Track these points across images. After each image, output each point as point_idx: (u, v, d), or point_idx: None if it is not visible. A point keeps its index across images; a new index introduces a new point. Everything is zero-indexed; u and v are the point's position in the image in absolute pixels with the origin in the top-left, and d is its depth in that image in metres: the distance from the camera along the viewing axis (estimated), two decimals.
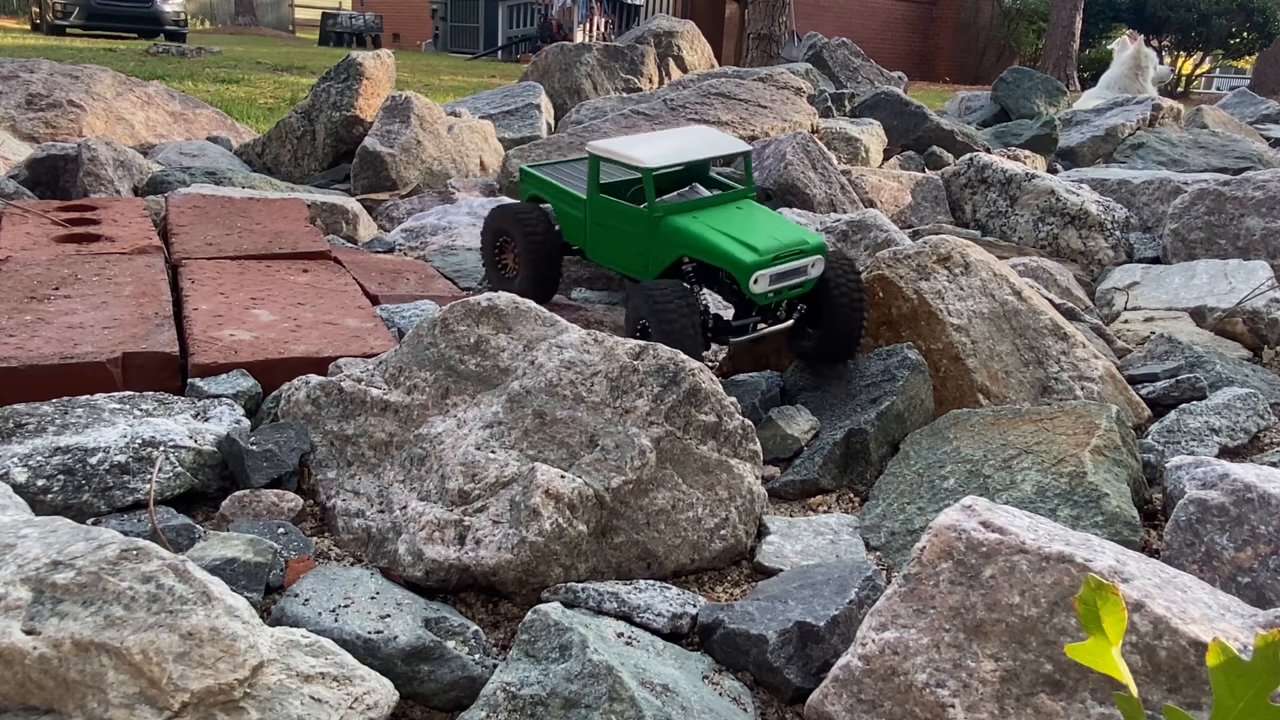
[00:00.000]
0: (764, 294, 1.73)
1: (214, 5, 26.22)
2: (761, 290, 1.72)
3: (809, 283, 1.77)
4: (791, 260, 1.74)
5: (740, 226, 1.83)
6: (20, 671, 0.86)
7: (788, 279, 1.74)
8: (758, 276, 1.71)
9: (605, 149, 1.93)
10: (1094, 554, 0.98)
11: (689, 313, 1.70)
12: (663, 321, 1.69)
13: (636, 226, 1.90)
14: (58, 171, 3.26)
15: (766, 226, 1.83)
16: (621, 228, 1.94)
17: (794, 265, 1.74)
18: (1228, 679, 0.69)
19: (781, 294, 1.75)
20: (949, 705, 0.94)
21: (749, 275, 1.71)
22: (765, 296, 1.74)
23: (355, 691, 0.96)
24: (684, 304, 1.71)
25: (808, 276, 1.75)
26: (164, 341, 1.73)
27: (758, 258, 1.72)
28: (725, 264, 1.76)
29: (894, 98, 5.27)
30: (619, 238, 1.96)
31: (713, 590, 1.34)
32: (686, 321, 1.69)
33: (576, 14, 15.72)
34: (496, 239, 2.25)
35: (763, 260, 1.72)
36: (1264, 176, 3.02)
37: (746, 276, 1.71)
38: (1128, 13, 16.92)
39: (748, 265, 1.71)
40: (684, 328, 1.68)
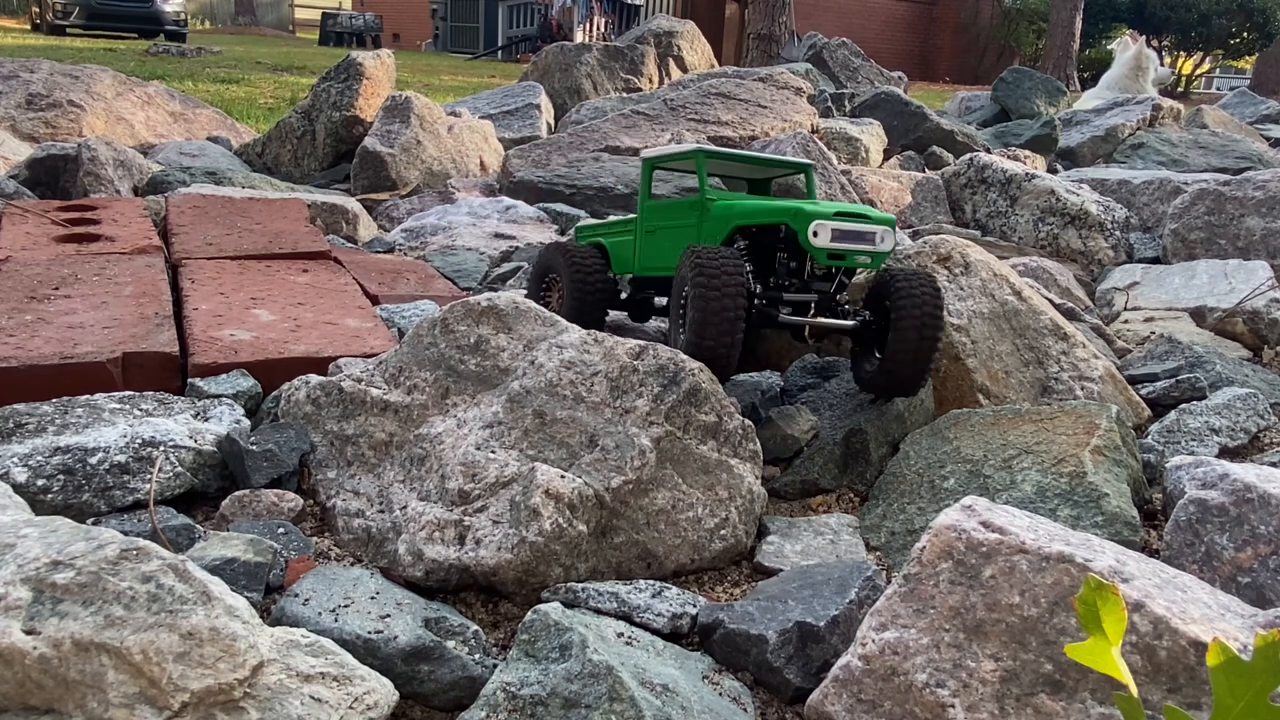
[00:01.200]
0: (824, 251, 1.55)
1: (214, 5, 26.22)
2: (823, 243, 1.54)
3: (879, 256, 1.59)
4: (856, 221, 1.57)
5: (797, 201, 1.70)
6: (20, 671, 0.86)
7: (853, 241, 1.56)
8: (817, 227, 1.53)
9: (658, 153, 1.90)
10: (1094, 554, 0.98)
11: (734, 274, 1.52)
12: (704, 283, 1.51)
13: (687, 218, 1.79)
14: (58, 171, 3.26)
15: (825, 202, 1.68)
16: (672, 225, 1.84)
17: (859, 228, 1.57)
18: (1228, 679, 0.69)
19: (848, 260, 1.58)
20: (949, 705, 0.94)
21: (807, 222, 1.54)
22: (825, 256, 1.56)
23: (355, 691, 0.96)
24: (730, 264, 1.53)
25: (876, 247, 1.57)
26: (164, 341, 1.73)
27: (816, 208, 1.57)
28: (782, 216, 1.61)
29: (894, 98, 5.27)
30: (669, 238, 1.85)
31: (713, 590, 1.34)
32: (730, 286, 1.51)
33: (576, 14, 15.72)
34: (544, 277, 2.09)
35: (822, 210, 1.56)
36: (1264, 176, 3.02)
37: (804, 224, 1.54)
38: (1128, 13, 16.92)
39: (806, 212, 1.55)
40: (726, 292, 1.50)
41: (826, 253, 1.56)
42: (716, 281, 1.52)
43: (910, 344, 1.57)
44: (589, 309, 1.96)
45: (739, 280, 1.53)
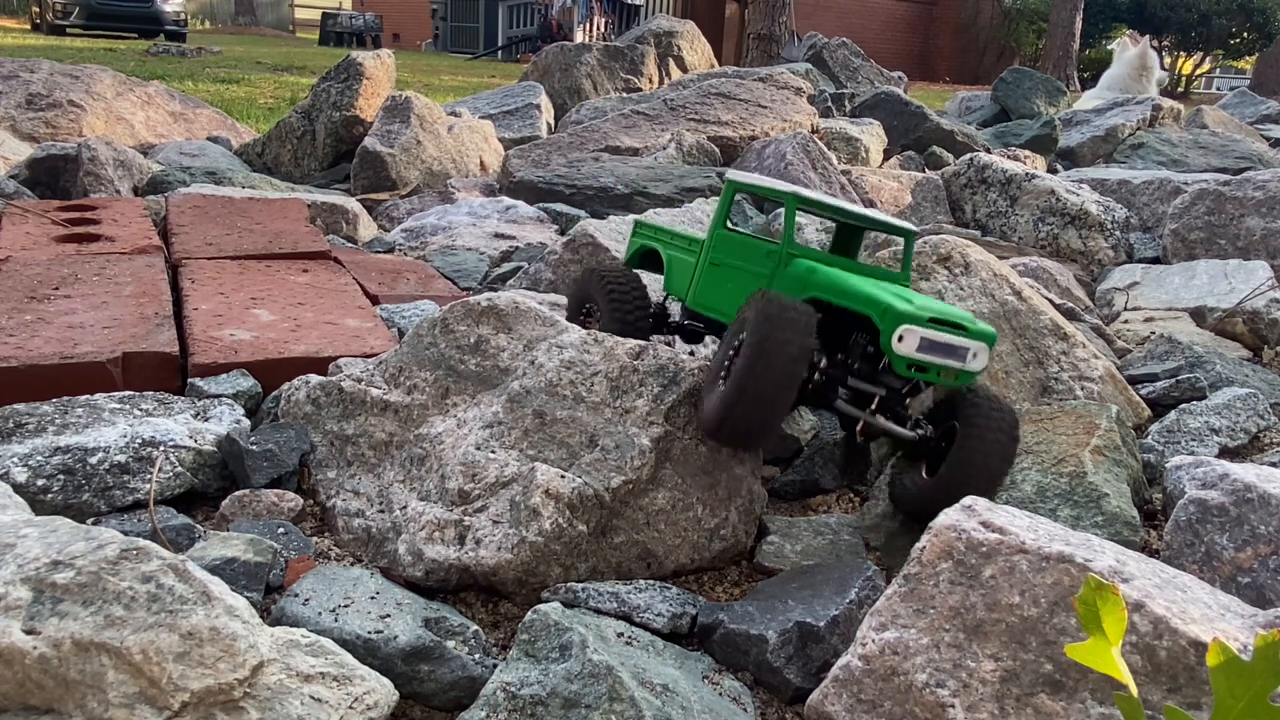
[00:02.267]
0: (908, 360, 1.33)
1: (214, 5, 26.22)
2: (907, 351, 1.32)
3: (964, 377, 1.37)
4: (951, 333, 1.34)
5: (889, 287, 1.46)
6: (20, 671, 0.86)
7: (942, 355, 1.34)
8: (904, 332, 1.31)
9: (748, 179, 1.63)
10: (1094, 554, 0.98)
11: (804, 334, 1.30)
12: (766, 334, 1.29)
13: (761, 265, 1.55)
14: (58, 171, 3.26)
15: (921, 297, 1.45)
16: (742, 266, 1.59)
17: (953, 340, 1.34)
18: (1228, 679, 0.69)
19: (929, 373, 1.35)
20: (949, 705, 0.94)
21: (895, 324, 1.32)
22: (904, 365, 1.34)
23: (355, 691, 0.96)
24: (803, 322, 1.31)
25: (966, 365, 1.35)
26: (164, 341, 1.73)
27: (910, 309, 1.33)
28: (867, 307, 1.38)
29: (894, 98, 5.27)
30: (734, 280, 1.60)
31: (713, 590, 1.34)
32: (796, 347, 1.28)
33: (576, 14, 15.72)
34: (582, 305, 1.85)
35: (916, 313, 1.33)
36: (1264, 176, 3.02)
37: (891, 325, 1.32)
38: (1128, 13, 16.93)
39: (896, 311, 1.33)
40: (789, 353, 1.28)
41: (907, 362, 1.34)
42: (783, 336, 1.29)
43: (980, 474, 1.34)
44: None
45: (808, 345, 1.30)
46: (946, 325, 1.35)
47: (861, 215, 1.59)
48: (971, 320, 1.38)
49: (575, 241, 2.42)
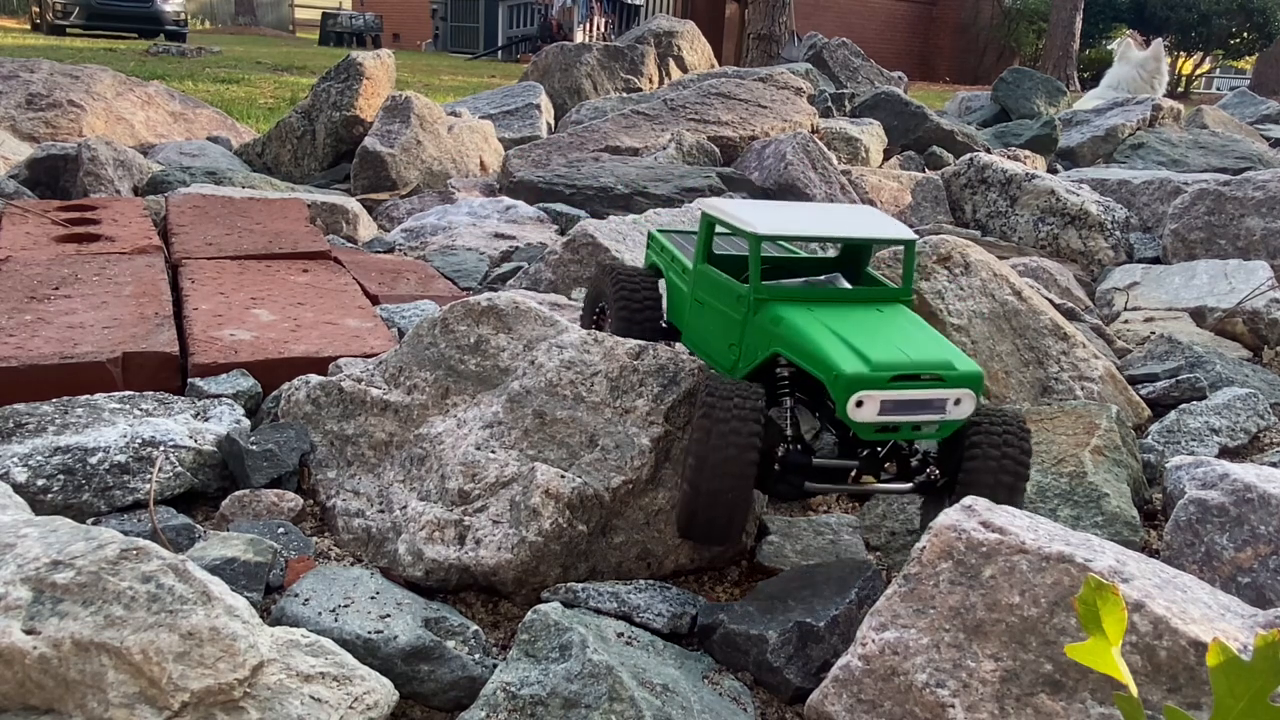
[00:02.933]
0: (869, 426, 1.17)
1: (214, 5, 26.23)
2: (866, 419, 1.15)
3: (948, 427, 1.20)
4: (924, 388, 1.17)
5: (863, 330, 1.25)
6: (20, 671, 0.86)
7: (913, 412, 1.17)
8: (862, 398, 1.14)
9: (717, 209, 1.41)
10: (1094, 554, 0.98)
11: (745, 423, 1.17)
12: (707, 428, 1.17)
13: (733, 308, 1.36)
14: (58, 171, 3.26)
15: (901, 336, 1.24)
16: (718, 307, 1.41)
17: (926, 395, 1.17)
18: (1228, 679, 0.69)
19: (902, 432, 1.19)
20: (949, 705, 0.94)
21: (847, 392, 1.14)
22: (871, 430, 1.18)
23: (355, 691, 0.96)
24: (744, 409, 1.17)
25: (947, 416, 1.18)
26: (164, 341, 1.73)
27: (865, 370, 1.15)
28: (819, 370, 1.20)
29: (894, 98, 5.28)
30: (714, 320, 1.42)
31: (713, 590, 1.34)
32: (738, 437, 1.16)
33: (576, 14, 15.73)
34: (595, 305, 1.74)
35: (873, 375, 1.15)
36: (1264, 176, 3.02)
37: (844, 394, 1.15)
38: (1128, 13, 16.94)
39: (847, 377, 1.14)
40: (732, 444, 1.16)
41: (874, 428, 1.18)
42: (720, 437, 1.16)
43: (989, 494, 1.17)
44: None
45: (749, 438, 1.17)
46: (916, 380, 1.17)
47: (847, 237, 1.36)
48: (952, 361, 1.19)
49: (575, 241, 2.42)
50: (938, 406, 1.18)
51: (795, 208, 1.49)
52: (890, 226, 1.39)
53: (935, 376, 1.18)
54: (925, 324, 1.30)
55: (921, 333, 1.27)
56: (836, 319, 1.28)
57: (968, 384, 1.19)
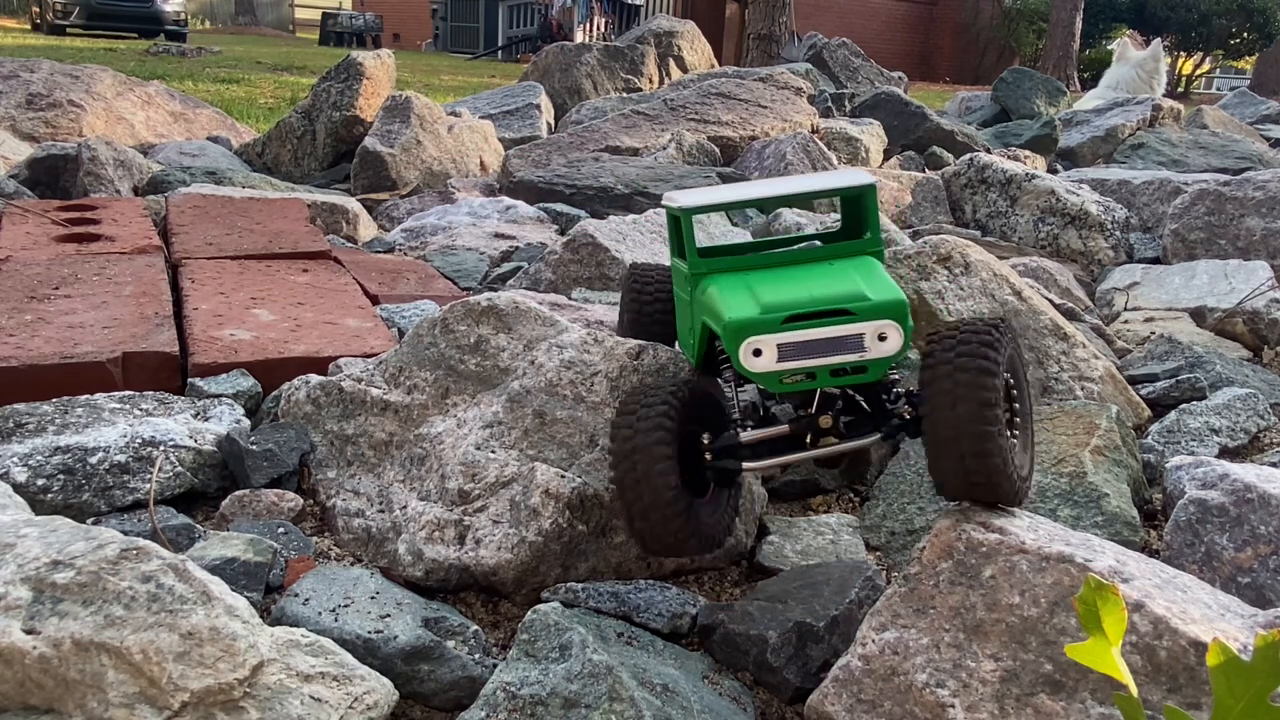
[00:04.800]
0: (773, 377, 1.05)
1: (214, 5, 26.23)
2: (765, 368, 1.04)
3: (878, 366, 1.05)
4: (828, 324, 1.04)
5: (784, 280, 1.13)
6: (20, 671, 0.86)
7: (821, 354, 1.04)
8: (758, 345, 1.04)
9: (669, 201, 1.28)
10: (1094, 554, 0.98)
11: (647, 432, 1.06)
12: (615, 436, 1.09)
13: (685, 290, 1.28)
14: (58, 171, 3.26)
15: (824, 280, 1.11)
16: (681, 296, 1.34)
17: (832, 333, 1.04)
18: (1228, 679, 0.69)
19: (820, 380, 1.06)
20: (949, 705, 0.94)
21: (737, 340, 1.04)
22: (777, 381, 1.06)
23: (355, 691, 0.96)
24: (647, 413, 1.07)
25: (868, 354, 1.04)
26: (164, 341, 1.73)
27: (755, 314, 1.05)
28: (716, 328, 1.11)
29: (894, 98, 5.28)
30: (681, 310, 1.36)
31: (713, 590, 1.34)
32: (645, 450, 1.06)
33: (576, 14, 15.73)
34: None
35: (761, 318, 1.04)
36: (1264, 177, 3.02)
37: (734, 343, 1.05)
38: (1128, 13, 16.95)
39: (733, 323, 1.05)
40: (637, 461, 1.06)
41: (778, 377, 1.05)
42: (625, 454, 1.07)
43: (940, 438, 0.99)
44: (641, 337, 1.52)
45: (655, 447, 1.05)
46: (818, 317, 1.04)
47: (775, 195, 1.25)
48: (862, 296, 1.05)
49: (575, 241, 2.42)
50: (853, 344, 1.05)
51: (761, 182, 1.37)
52: (845, 179, 1.24)
53: (840, 310, 1.04)
54: (875, 268, 1.13)
55: (854, 274, 1.12)
56: (767, 278, 1.15)
57: (885, 314, 1.04)
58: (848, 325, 1.04)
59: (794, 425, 1.11)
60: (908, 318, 1.05)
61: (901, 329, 1.04)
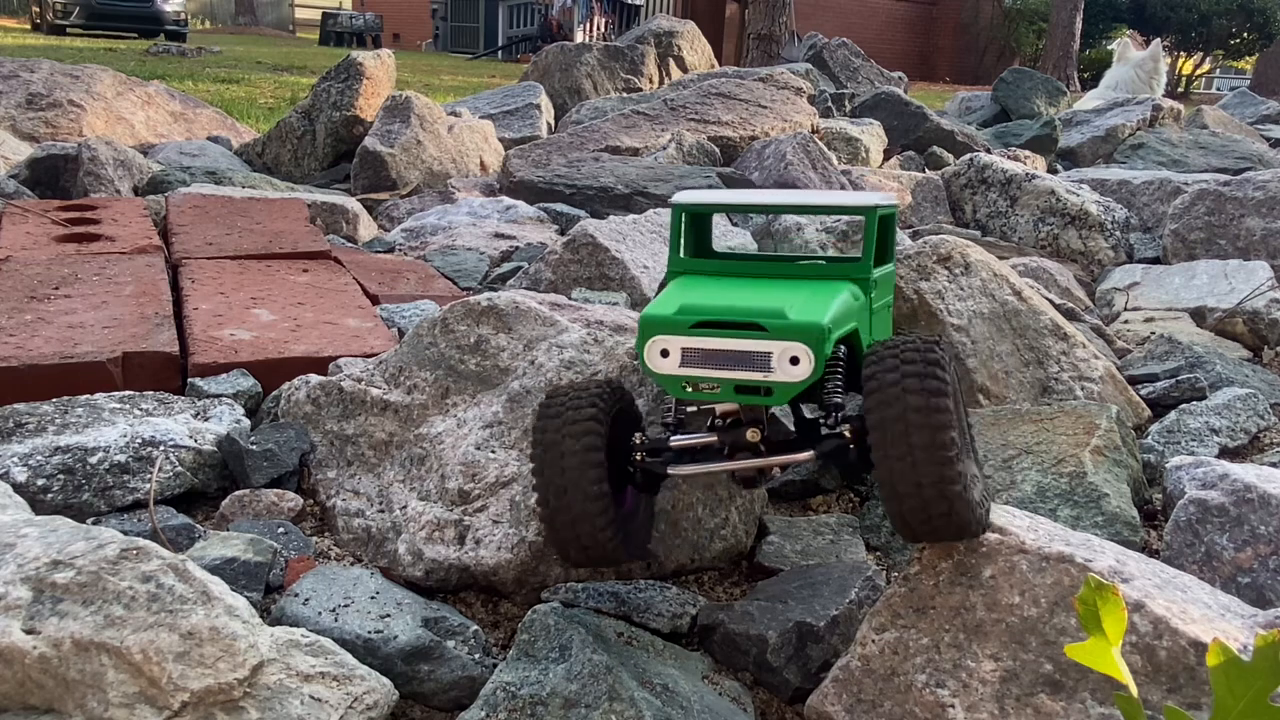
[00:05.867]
0: (676, 381, 1.00)
1: (214, 5, 26.24)
2: (669, 371, 0.99)
3: (785, 390, 0.98)
4: (737, 337, 0.98)
5: (727, 288, 1.09)
6: (20, 671, 0.86)
7: (725, 366, 0.98)
8: (665, 345, 0.99)
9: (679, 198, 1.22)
10: (1094, 554, 0.98)
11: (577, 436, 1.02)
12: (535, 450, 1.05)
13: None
14: (58, 171, 3.26)
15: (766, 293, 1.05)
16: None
17: (739, 346, 0.98)
18: (1228, 679, 0.69)
19: (723, 394, 1.00)
20: (949, 705, 0.94)
21: (644, 336, 1.00)
22: (679, 386, 1.00)
23: (355, 691, 0.96)
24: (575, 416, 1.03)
25: (771, 375, 0.97)
26: (164, 341, 1.73)
27: (668, 314, 1.00)
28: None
29: (894, 98, 5.28)
30: None
31: (713, 590, 1.34)
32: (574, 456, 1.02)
33: (576, 14, 15.73)
34: None
35: (671, 319, 0.99)
36: (1264, 177, 3.02)
37: (642, 339, 1.00)
38: (1128, 13, 16.95)
39: (644, 321, 1.00)
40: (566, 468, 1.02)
41: (682, 383, 1.00)
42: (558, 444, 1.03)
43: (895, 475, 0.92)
44: None
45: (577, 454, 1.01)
46: (728, 326, 0.98)
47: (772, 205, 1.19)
48: (779, 314, 0.98)
49: (575, 241, 2.42)
50: (759, 362, 0.97)
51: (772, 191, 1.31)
52: (857, 198, 1.18)
53: (752, 325, 0.98)
54: (834, 293, 1.05)
55: (800, 293, 1.04)
56: (715, 284, 1.11)
57: (799, 336, 0.96)
58: (756, 341, 0.98)
59: (720, 435, 1.06)
60: (825, 344, 0.97)
61: (814, 355, 0.96)
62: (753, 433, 1.04)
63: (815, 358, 0.96)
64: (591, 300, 2.46)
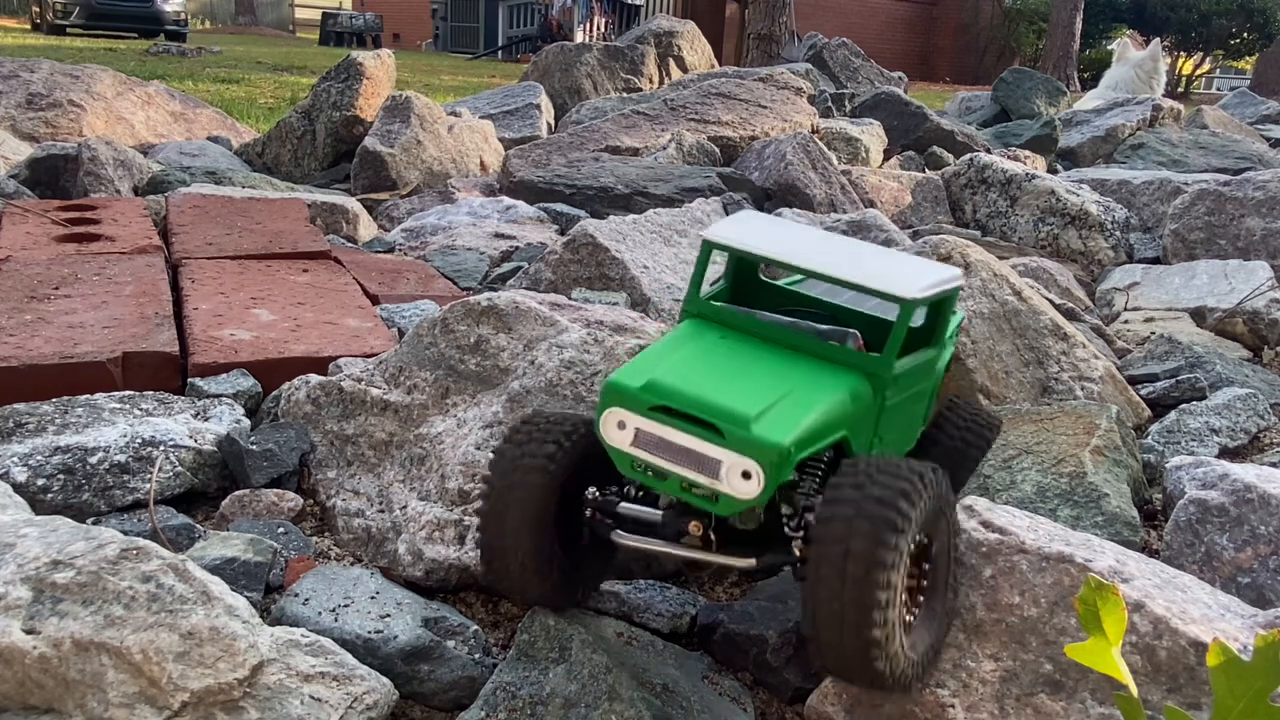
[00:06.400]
0: (625, 458, 0.93)
1: (214, 5, 26.25)
2: (620, 446, 0.92)
3: (728, 503, 0.89)
4: (692, 434, 0.88)
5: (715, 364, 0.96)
6: (20, 671, 0.86)
7: (673, 460, 0.90)
8: (622, 417, 0.91)
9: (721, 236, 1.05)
10: (1094, 554, 0.98)
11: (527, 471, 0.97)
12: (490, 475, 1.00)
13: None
14: (58, 171, 3.26)
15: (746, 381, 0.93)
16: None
17: (689, 443, 0.89)
18: (1228, 679, 0.69)
19: (669, 485, 0.91)
20: (949, 705, 0.94)
21: (603, 403, 0.92)
22: (629, 465, 0.93)
23: (355, 691, 0.96)
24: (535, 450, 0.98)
25: (717, 485, 0.88)
26: (164, 341, 1.73)
27: (633, 386, 0.91)
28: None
29: (894, 98, 5.28)
30: None
31: (713, 590, 1.34)
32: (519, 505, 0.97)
33: (576, 14, 15.74)
34: None
35: (635, 392, 0.90)
36: (1264, 177, 3.02)
37: (601, 404, 0.93)
38: (1128, 13, 16.96)
39: (608, 387, 0.92)
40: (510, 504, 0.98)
41: (630, 461, 0.92)
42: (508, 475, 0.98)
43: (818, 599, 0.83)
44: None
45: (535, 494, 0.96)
46: (687, 419, 0.88)
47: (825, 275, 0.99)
48: (741, 420, 0.87)
49: (575, 241, 2.42)
50: (708, 466, 0.88)
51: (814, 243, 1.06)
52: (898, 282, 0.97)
53: (708, 424, 0.88)
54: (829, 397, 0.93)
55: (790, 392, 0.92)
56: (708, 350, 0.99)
57: (755, 454, 0.86)
58: (710, 445, 0.88)
59: (666, 516, 0.97)
60: (782, 468, 0.86)
61: (766, 477, 0.86)
62: (696, 526, 0.95)
63: (767, 480, 0.86)
64: (591, 300, 2.46)
